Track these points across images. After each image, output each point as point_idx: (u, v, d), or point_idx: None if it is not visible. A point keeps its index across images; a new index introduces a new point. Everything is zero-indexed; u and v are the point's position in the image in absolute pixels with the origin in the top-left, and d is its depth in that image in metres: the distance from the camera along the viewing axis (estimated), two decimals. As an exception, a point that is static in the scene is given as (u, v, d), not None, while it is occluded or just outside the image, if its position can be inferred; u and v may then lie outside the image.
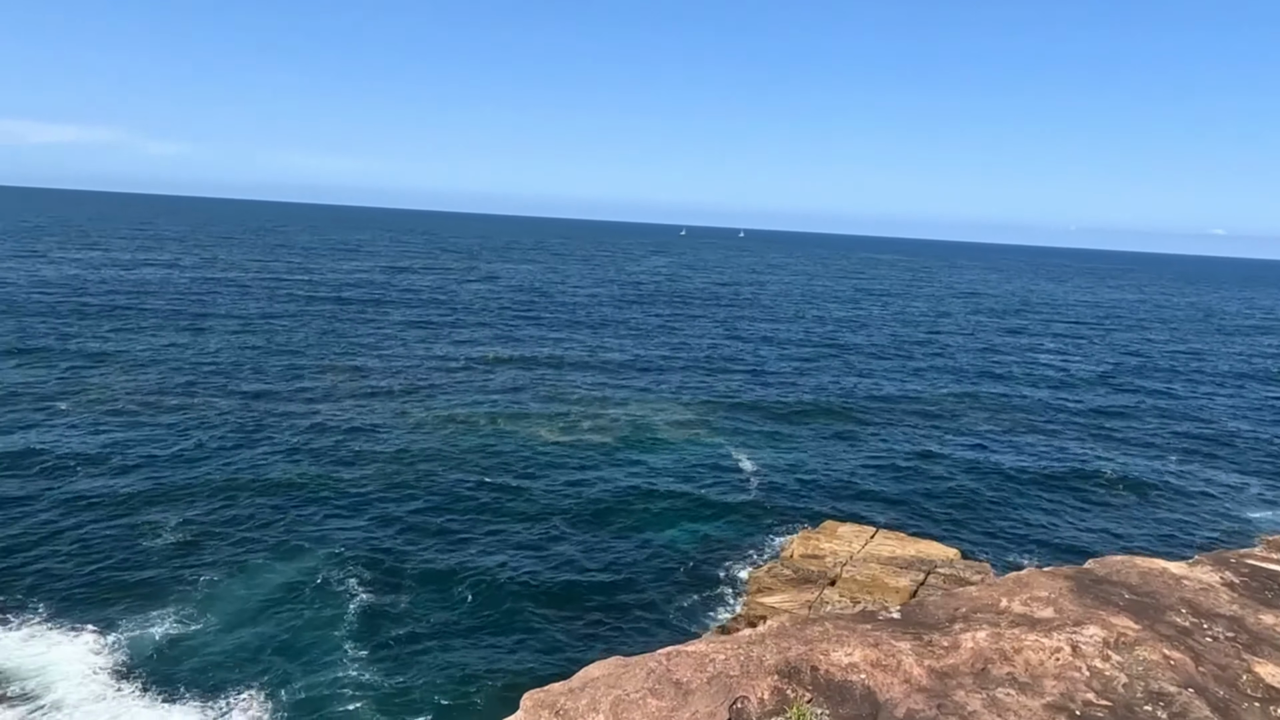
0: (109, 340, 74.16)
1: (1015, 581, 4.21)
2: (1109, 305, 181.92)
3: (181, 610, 28.29)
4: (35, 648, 25.87)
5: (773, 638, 4.18)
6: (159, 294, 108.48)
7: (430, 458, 45.41)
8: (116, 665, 25.07)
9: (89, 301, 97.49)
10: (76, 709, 22.84)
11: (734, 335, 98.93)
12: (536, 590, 31.54)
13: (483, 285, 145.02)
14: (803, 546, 33.82)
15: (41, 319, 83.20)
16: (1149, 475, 51.01)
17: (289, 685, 24.39)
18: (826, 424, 58.26)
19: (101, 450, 43.97)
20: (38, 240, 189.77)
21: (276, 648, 26.34)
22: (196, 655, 25.79)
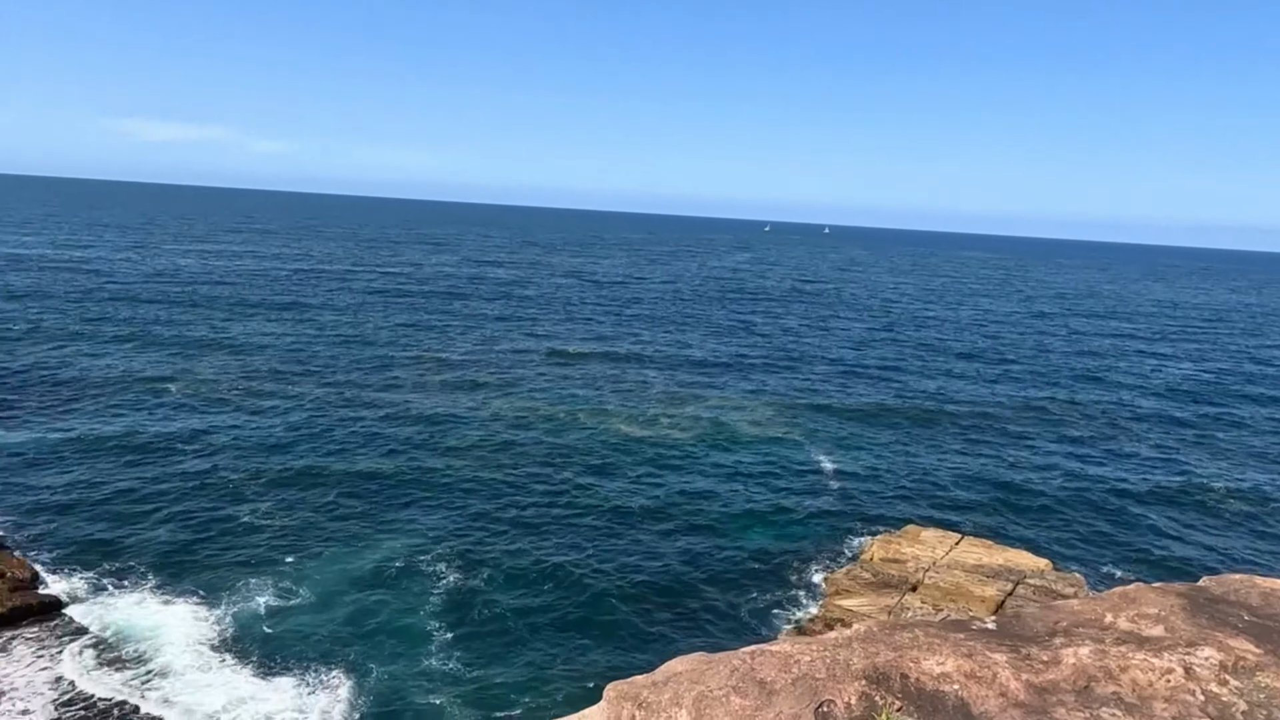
0: (214, 328, 78.35)
1: (1121, 596, 3.96)
2: (1222, 307, 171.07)
3: (276, 586, 29.63)
4: (146, 611, 27.65)
5: (859, 642, 4.06)
6: (258, 285, 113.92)
7: (511, 450, 46.26)
8: (216, 634, 26.49)
9: (196, 291, 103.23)
10: (182, 675, 24.26)
11: (815, 334, 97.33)
12: (613, 584, 31.75)
13: (564, 280, 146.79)
14: (883, 550, 33.06)
15: (154, 307, 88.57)
16: (1265, 489, 47.81)
17: (374, 666, 25.26)
18: (910, 426, 56.70)
19: (205, 431, 46.49)
20: (151, 234, 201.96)
21: (363, 629, 27.30)
22: (289, 631, 26.94)
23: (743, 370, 72.36)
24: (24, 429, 44.96)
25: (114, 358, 63.71)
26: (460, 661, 25.81)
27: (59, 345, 67.09)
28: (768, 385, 66.56)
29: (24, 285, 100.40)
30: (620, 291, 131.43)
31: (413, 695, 24.04)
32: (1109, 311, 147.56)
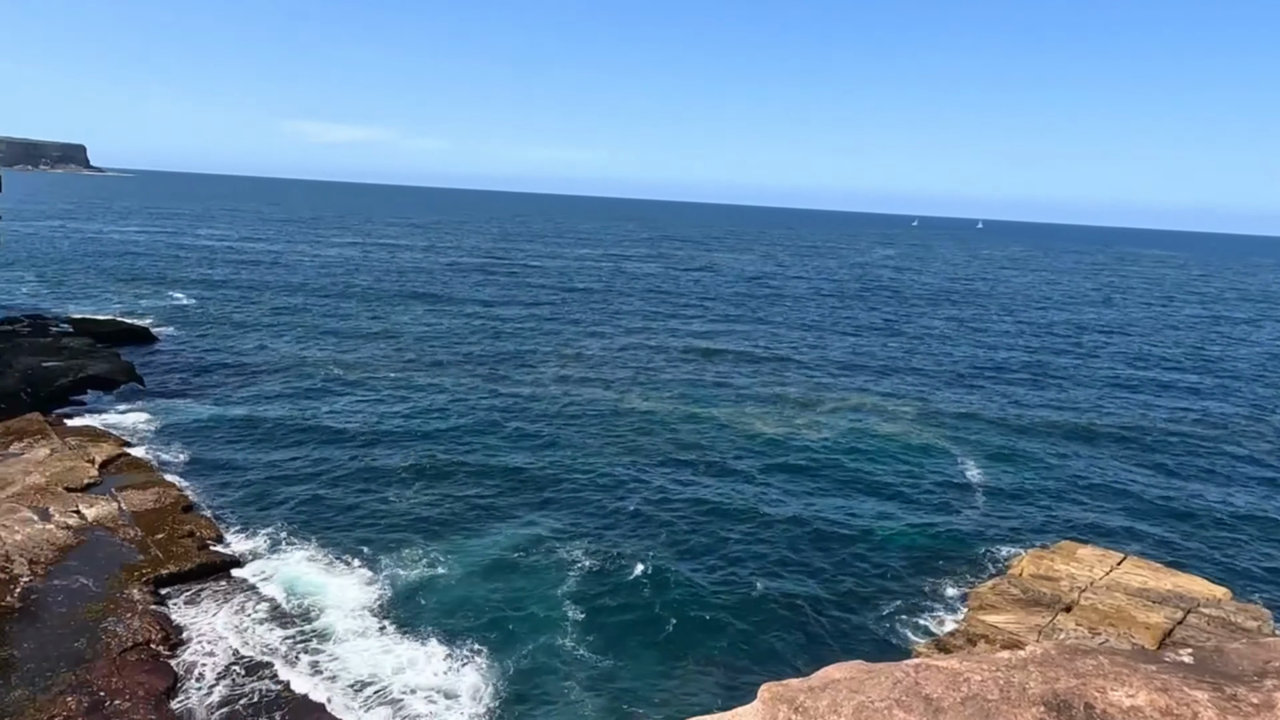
0: (374, 316, 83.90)
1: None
2: None
3: (425, 562, 31.42)
4: (312, 574, 30.10)
5: (1036, 665, 3.81)
6: (412, 276, 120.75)
7: (646, 445, 46.79)
8: (373, 601, 28.47)
9: (356, 281, 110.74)
10: (344, 637, 26.26)
11: (964, 336, 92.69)
12: (742, 583, 31.55)
13: (702, 274, 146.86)
14: (1034, 566, 31.12)
15: (320, 296, 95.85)
16: None
17: (514, 646, 26.28)
18: (1067, 437, 52.96)
19: (363, 412, 49.89)
20: (316, 228, 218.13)
21: (503, 609, 28.46)
22: (437, 604, 28.54)
23: (884, 372, 69.97)
24: (211, 404, 49.77)
25: (286, 341, 69.43)
26: (592, 649, 26.45)
27: (239, 329, 73.81)
28: (911, 389, 64.04)
29: (217, 276, 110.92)
30: (758, 288, 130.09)
31: (551, 678, 24.86)
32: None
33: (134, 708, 21.62)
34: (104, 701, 21.67)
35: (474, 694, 23.71)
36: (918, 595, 31.37)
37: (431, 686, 23.87)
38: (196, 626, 26.06)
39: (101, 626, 25.03)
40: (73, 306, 76.58)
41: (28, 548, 29.07)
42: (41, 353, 54.17)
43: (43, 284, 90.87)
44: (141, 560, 29.30)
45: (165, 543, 30.69)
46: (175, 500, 34.49)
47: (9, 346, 55.13)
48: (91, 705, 21.46)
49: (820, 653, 27.15)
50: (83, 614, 25.70)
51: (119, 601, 26.56)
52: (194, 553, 30.31)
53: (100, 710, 21.33)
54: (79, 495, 33.89)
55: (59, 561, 28.68)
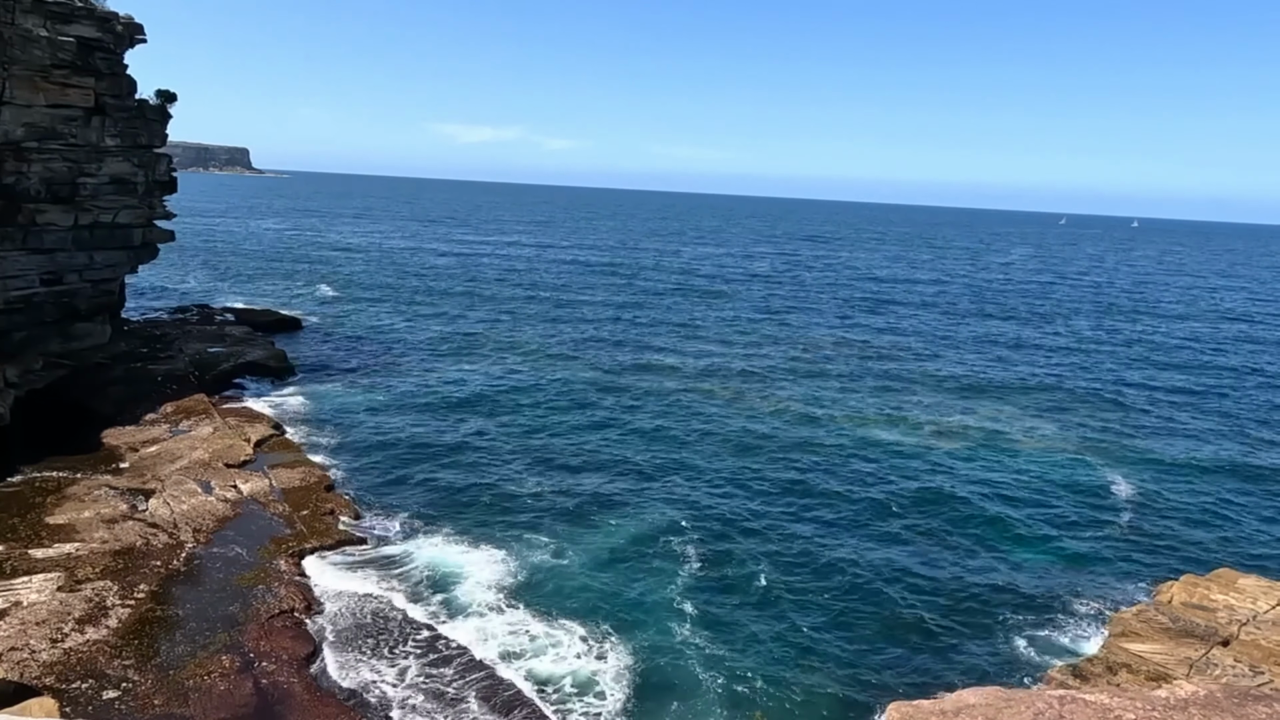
0: (504, 310, 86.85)
1: None
2: None
3: (554, 548, 32.45)
4: (446, 552, 31.71)
5: (1199, 708, 3.49)
6: (541, 272, 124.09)
7: (765, 447, 46.23)
8: (505, 581, 29.72)
9: (490, 277, 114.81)
10: (478, 615, 27.56)
11: (1110, 342, 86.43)
12: (864, 593, 30.70)
13: (825, 274, 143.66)
14: (1185, 593, 28.70)
15: (456, 287, 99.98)
16: None
17: (636, 633, 26.80)
18: (1237, 455, 48.43)
19: (497, 404, 51.86)
20: (452, 226, 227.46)
21: (625, 597, 29.06)
22: (567, 588, 29.52)
23: (1022, 380, 66.26)
24: (353, 390, 53.01)
25: (424, 333, 73.03)
26: (712, 645, 26.55)
27: (380, 320, 78.21)
28: (1052, 399, 60.32)
29: (362, 270, 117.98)
30: (887, 288, 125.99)
31: (673, 670, 25.17)
32: None
33: (279, 669, 23.36)
34: (254, 662, 23.52)
35: (614, 676, 24.51)
36: (1054, 616, 29.58)
37: (570, 669, 24.79)
38: (337, 597, 27.85)
39: (253, 593, 27.18)
40: (234, 297, 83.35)
41: (193, 517, 31.93)
42: (207, 339, 59.32)
43: (210, 276, 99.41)
44: (289, 534, 31.57)
45: (309, 519, 32.95)
46: (319, 479, 36.95)
47: (180, 333, 60.66)
48: (243, 664, 23.34)
49: (945, 670, 26.10)
50: (236, 580, 27.98)
51: (268, 571, 28.74)
52: (335, 529, 32.40)
53: (250, 670, 23.16)
54: (236, 471, 36.88)
55: (218, 530, 31.33)
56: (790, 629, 27.85)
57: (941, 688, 24.99)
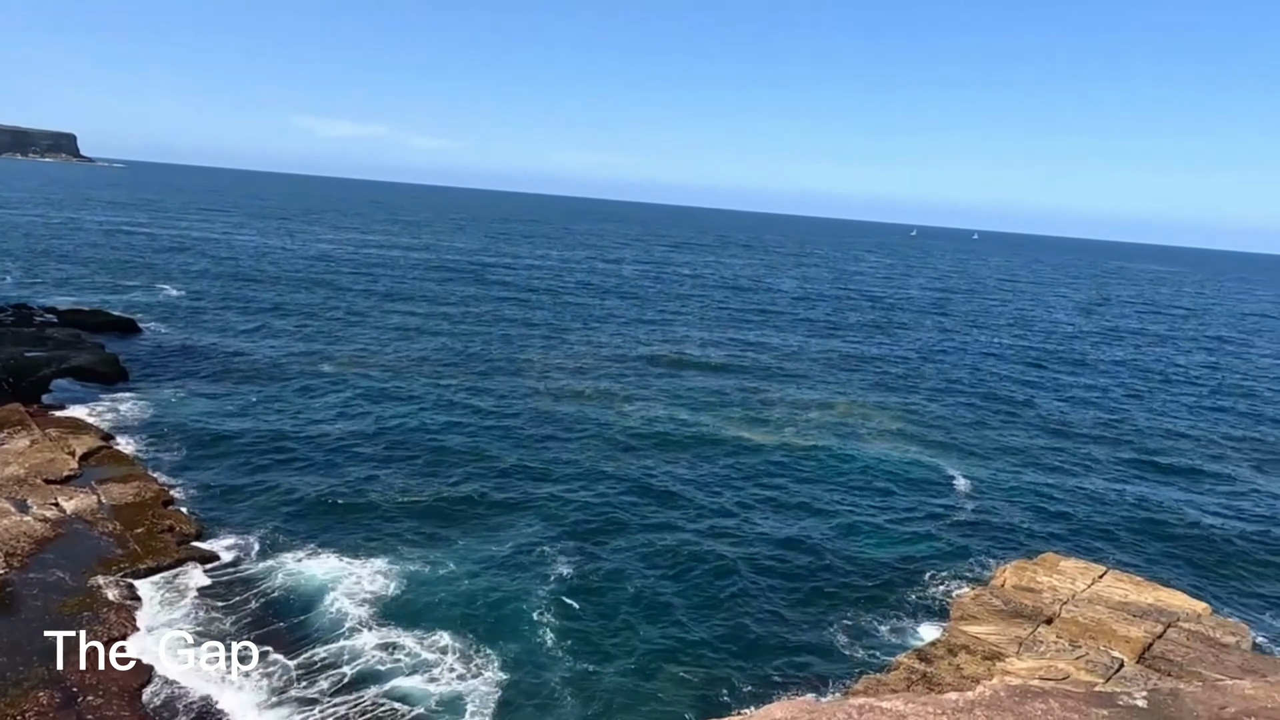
0: (361, 313, 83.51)
1: (1308, 683, 3.43)
2: None
3: (415, 560, 31.42)
4: (299, 568, 30.03)
5: (984, 708, 3.72)
6: (401, 273, 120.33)
7: (630, 449, 46.71)
8: (371, 593, 28.62)
9: (347, 278, 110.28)
10: (346, 634, 26.22)
11: (956, 343, 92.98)
12: (724, 588, 31.52)
13: (691, 279, 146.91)
14: (1016, 577, 31.14)
15: (310, 290, 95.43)
16: None
17: (494, 641, 26.42)
18: (1055, 449, 53.14)
19: (351, 410, 49.65)
20: (311, 224, 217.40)
21: (496, 605, 28.61)
22: (435, 597, 28.77)
23: (874, 380, 70.10)
24: (196, 398, 49.43)
25: (275, 336, 69.07)
26: (572, 652, 26.50)
27: (227, 322, 73.39)
28: (901, 397, 64.17)
29: (207, 269, 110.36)
30: (749, 295, 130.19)
31: (535, 677, 24.96)
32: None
33: (107, 703, 21.41)
34: (77, 697, 21.44)
35: (484, 694, 23.87)
36: (902, 605, 31.39)
37: (441, 690, 23.90)
38: (176, 621, 25.82)
39: (77, 620, 24.76)
40: (58, 297, 75.97)
41: (4, 540, 28.75)
42: (25, 343, 53.68)
43: (27, 274, 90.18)
44: (120, 555, 29.02)
45: (144, 537, 30.42)
46: (156, 494, 34.20)
47: (-8, 336, 54.64)
48: (65, 700, 21.23)
49: (805, 665, 27.18)
50: (57, 608, 25.43)
51: (95, 596, 26.30)
52: (173, 548, 30.05)
53: (73, 706, 21.10)
54: (58, 487, 33.56)
55: (35, 553, 28.37)
56: (653, 633, 28.18)
57: (799, 684, 26.06)
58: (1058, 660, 25.03)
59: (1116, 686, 22.92)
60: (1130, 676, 24.02)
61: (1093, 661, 24.98)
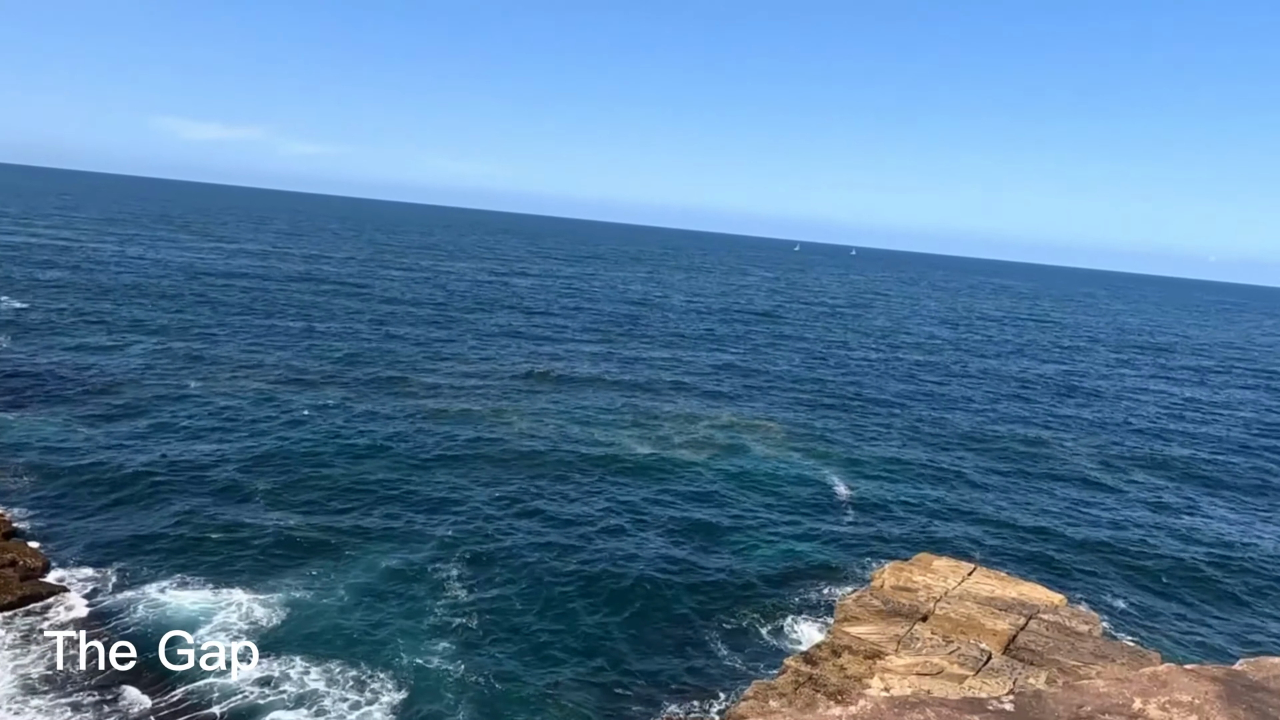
0: (231, 328, 79.08)
1: (1151, 679, 3.74)
2: (1260, 345, 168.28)
3: (291, 584, 29.97)
4: (161, 600, 28.06)
5: None
6: (271, 286, 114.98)
7: (520, 464, 46.19)
8: (250, 624, 26.98)
9: (213, 288, 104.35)
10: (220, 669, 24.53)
11: (834, 356, 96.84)
12: (616, 601, 31.55)
13: (581, 292, 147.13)
14: (894, 578, 32.56)
15: (172, 303, 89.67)
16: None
17: (388, 664, 25.52)
18: (927, 455, 56.11)
19: (219, 429, 46.88)
20: (174, 230, 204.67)
21: (367, 628, 27.52)
22: (320, 624, 27.46)
23: (759, 392, 72.05)
24: (44, 420, 45.48)
25: (132, 353, 64.43)
26: (463, 669, 25.84)
27: (79, 337, 67.95)
28: (784, 408, 66.20)
29: (49, 277, 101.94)
30: (637, 308, 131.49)
31: (423, 695, 24.16)
32: (1143, 344, 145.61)
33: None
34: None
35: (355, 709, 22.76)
36: (789, 609, 32.28)
37: (315, 716, 22.76)
38: (15, 666, 23.53)
39: (-102, 672, 22.24)
40: (-120, 310, 68.33)
41: None
42: None
43: None
44: (-48, 594, 26.28)
45: (-19, 574, 27.67)
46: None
47: None
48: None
49: (699, 671, 27.49)
50: (-125, 658, 22.76)
51: (-79, 642, 23.69)
52: (16, 584, 27.46)
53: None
54: (-123, 522, 30.12)
55: None
56: (545, 649, 27.89)
57: (691, 692, 26.34)
58: (933, 656, 26.29)
59: (987, 678, 24.37)
60: (998, 668, 25.50)
61: (964, 655, 26.38)
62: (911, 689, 23.78)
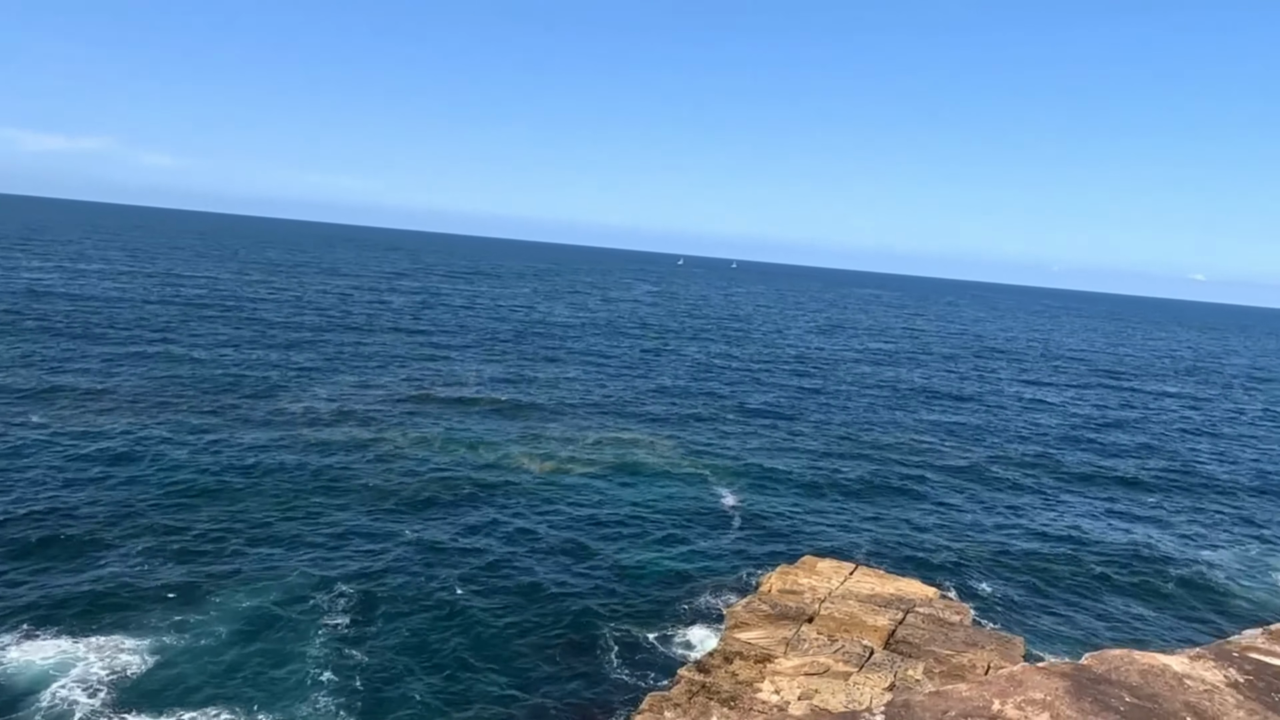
0: (79, 352, 73.08)
1: (1009, 680, 4.01)
2: (1123, 351, 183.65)
3: (172, 628, 27.97)
4: (34, 646, 25.78)
5: None
6: (125, 307, 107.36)
7: (408, 487, 44.84)
8: (111, 676, 24.81)
9: (57, 311, 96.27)
10: None
11: (718, 369, 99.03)
12: (508, 620, 31.06)
13: (463, 310, 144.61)
14: (781, 582, 33.50)
15: (7, 326, 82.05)
16: (1155, 542, 51.11)
17: (272, 707, 24.07)
18: (809, 461, 58.16)
19: (71, 462, 43.13)
20: (14, 248, 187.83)
21: (249, 671, 25.94)
22: (189, 673, 25.56)
23: (645, 405, 72.76)
24: None
25: (-33, 383, 58.46)
26: (349, 703, 24.74)
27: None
28: (670, 422, 67.09)
29: None
30: (522, 324, 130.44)
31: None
32: (1002, 349, 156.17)
33: None
34: None
35: None
36: (682, 619, 32.63)
37: None
38: None
39: None
40: None
41: None
42: None
43: None
44: None
45: None
46: None
47: None
48: None
49: (595, 687, 27.30)
50: None
51: None
52: None
53: None
54: None
55: None
56: (433, 677, 27.11)
57: (588, 706, 26.18)
58: (819, 655, 27.17)
59: (870, 673, 25.37)
60: (879, 662, 26.61)
61: (848, 653, 27.40)
62: (800, 690, 24.46)
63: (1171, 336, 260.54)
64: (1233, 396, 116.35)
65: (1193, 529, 50.77)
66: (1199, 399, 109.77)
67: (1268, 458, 74.04)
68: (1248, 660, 4.54)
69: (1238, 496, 59.36)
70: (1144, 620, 37.46)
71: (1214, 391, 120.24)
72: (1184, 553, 45.98)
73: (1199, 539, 48.87)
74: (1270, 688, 4.26)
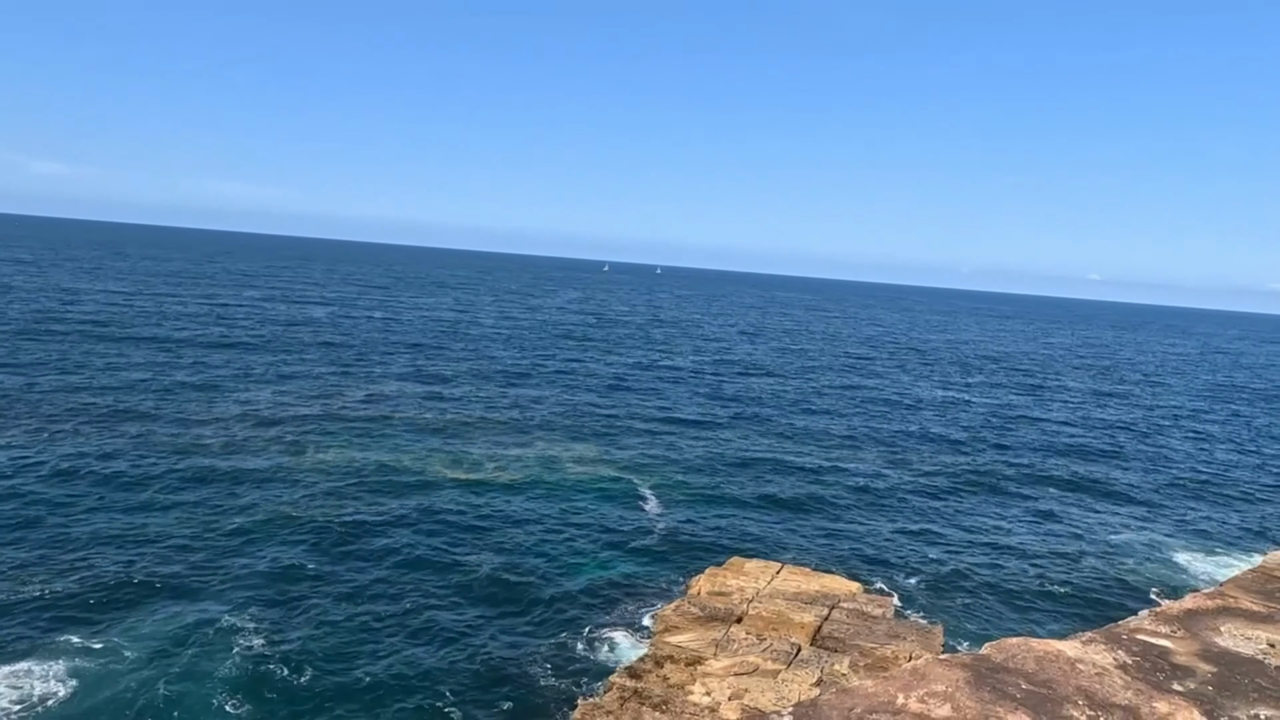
0: (-29, 372, 68.41)
1: (912, 674, 4.10)
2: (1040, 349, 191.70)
3: (74, 652, 26.56)
4: None
5: None
6: (17, 320, 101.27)
7: (328, 501, 43.52)
8: (12, 706, 23.43)
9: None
10: None
11: (644, 373, 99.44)
12: (432, 636, 30.42)
13: (387, 319, 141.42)
14: (709, 584, 33.77)
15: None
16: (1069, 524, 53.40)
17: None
18: (734, 462, 58.89)
19: (-44, 494, 40.31)
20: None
21: (160, 694, 24.67)
22: (98, 696, 24.43)
23: (570, 411, 72.47)
24: None
25: None
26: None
27: None
28: (595, 427, 66.96)
29: None
30: (444, 332, 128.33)
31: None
32: (914, 347, 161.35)
33: None
34: None
35: None
36: (611, 625, 32.55)
37: None
38: None
39: None
40: None
41: None
42: None
43: None
44: None
45: None
46: None
47: None
48: None
49: (524, 694, 26.96)
50: None
51: None
52: None
53: None
54: None
55: None
56: (353, 693, 26.32)
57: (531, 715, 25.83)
58: (748, 655, 27.48)
59: (797, 670, 25.78)
60: (806, 659, 27.08)
61: (776, 651, 27.79)
62: (731, 690, 24.67)
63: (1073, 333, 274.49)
64: (1138, 394, 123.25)
65: (1101, 516, 53.48)
66: (1104, 394, 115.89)
67: (1172, 448, 78.70)
68: (1135, 642, 4.76)
69: (1139, 486, 62.85)
70: (1053, 599, 39.25)
71: (1119, 386, 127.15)
72: (1093, 537, 48.39)
73: (1108, 526, 51.50)
74: (1155, 667, 4.48)
